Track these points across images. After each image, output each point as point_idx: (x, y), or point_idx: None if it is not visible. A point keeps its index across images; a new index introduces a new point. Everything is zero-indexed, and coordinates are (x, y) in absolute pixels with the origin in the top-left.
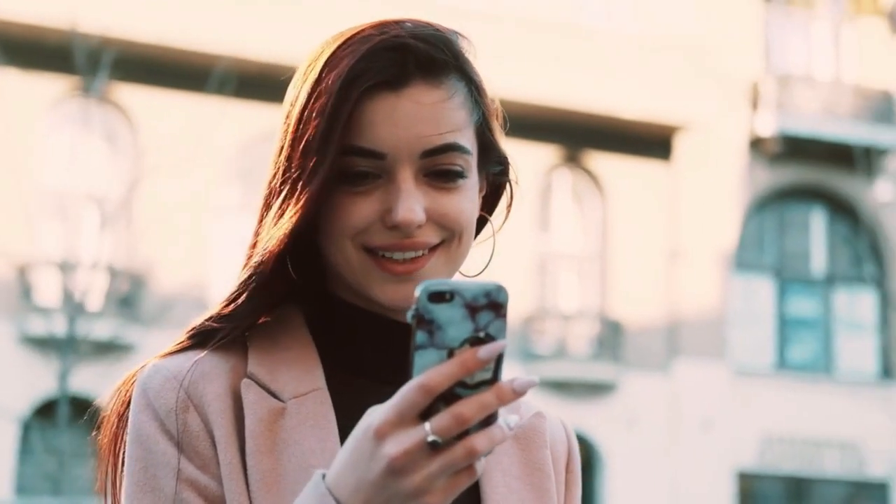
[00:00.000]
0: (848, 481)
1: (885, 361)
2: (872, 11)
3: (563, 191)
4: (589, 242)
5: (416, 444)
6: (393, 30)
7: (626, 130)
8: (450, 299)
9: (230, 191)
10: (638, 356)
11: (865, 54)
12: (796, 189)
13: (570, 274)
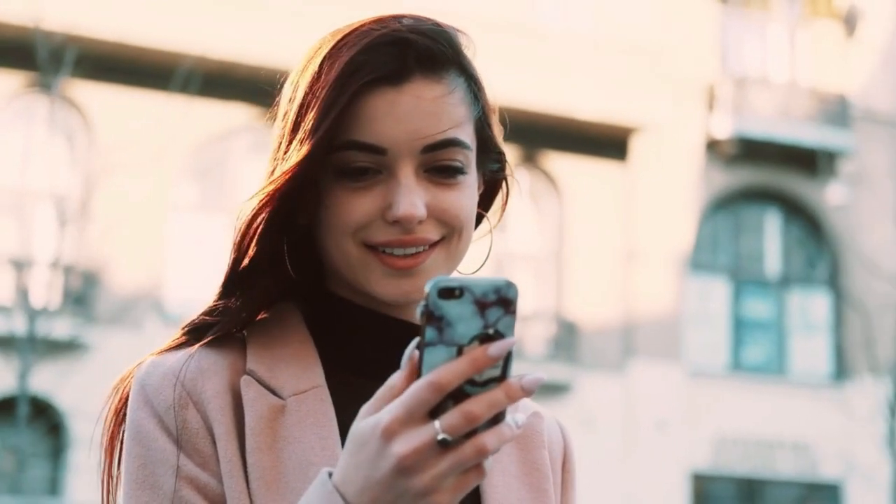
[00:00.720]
0: (801, 482)
1: (838, 363)
2: (828, 14)
3: (520, 192)
4: (545, 243)
5: (425, 443)
6: (393, 24)
7: (583, 131)
8: (459, 295)
9: (187, 190)
10: (593, 357)
11: (821, 57)
12: (751, 191)
13: (527, 274)
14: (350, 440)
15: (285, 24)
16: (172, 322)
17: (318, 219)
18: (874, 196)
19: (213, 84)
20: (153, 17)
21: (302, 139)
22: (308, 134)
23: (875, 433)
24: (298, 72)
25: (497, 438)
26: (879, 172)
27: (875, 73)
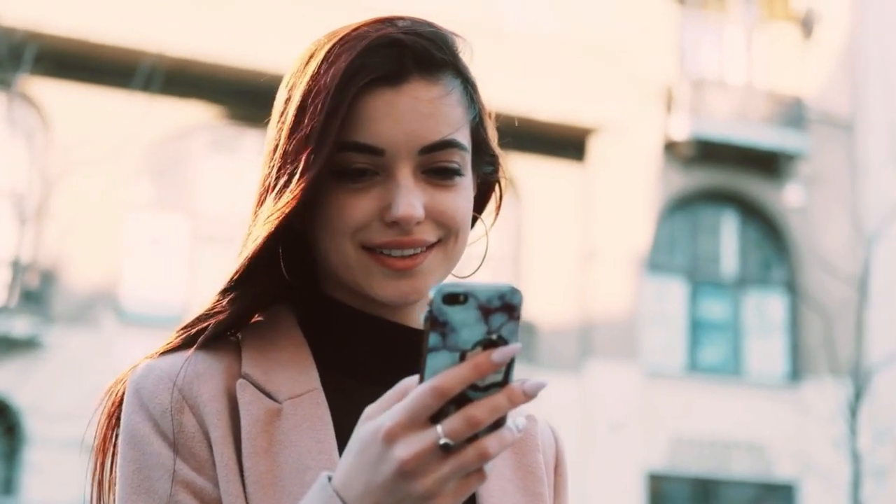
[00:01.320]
0: (755, 483)
1: (793, 364)
2: (784, 17)
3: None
4: (503, 243)
5: (427, 447)
6: (390, 27)
7: (541, 132)
8: (464, 301)
9: (145, 188)
10: (550, 357)
11: (778, 59)
12: (709, 192)
13: (484, 274)
14: (353, 442)
15: (244, 21)
16: (130, 321)
17: (315, 220)
18: (830, 198)
19: (170, 82)
20: (112, 15)
21: (306, 145)
22: (314, 141)
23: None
24: (294, 74)
25: (499, 443)
26: (835, 174)
27: (831, 76)
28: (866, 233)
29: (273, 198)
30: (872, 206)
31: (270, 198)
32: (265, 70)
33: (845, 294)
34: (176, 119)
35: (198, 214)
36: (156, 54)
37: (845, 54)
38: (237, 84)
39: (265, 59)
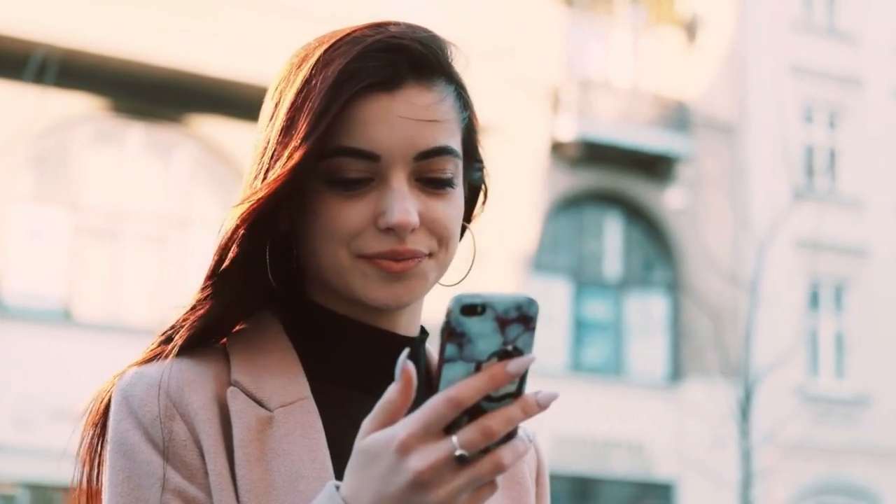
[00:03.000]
0: (634, 482)
1: (674, 364)
2: (670, 21)
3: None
4: None
5: (442, 458)
6: (386, 31)
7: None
8: (481, 312)
9: (26, 180)
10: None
11: (663, 63)
12: (594, 193)
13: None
14: (359, 454)
15: (128, 12)
16: (10, 315)
17: (305, 226)
18: (713, 200)
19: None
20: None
21: (294, 145)
22: (300, 140)
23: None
24: (284, 78)
25: (512, 453)
26: (718, 177)
27: (715, 80)
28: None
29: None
30: (755, 208)
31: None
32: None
33: (728, 295)
34: (59, 110)
35: (80, 207)
36: (45, 45)
37: (728, 59)
38: (122, 76)
39: (152, 51)
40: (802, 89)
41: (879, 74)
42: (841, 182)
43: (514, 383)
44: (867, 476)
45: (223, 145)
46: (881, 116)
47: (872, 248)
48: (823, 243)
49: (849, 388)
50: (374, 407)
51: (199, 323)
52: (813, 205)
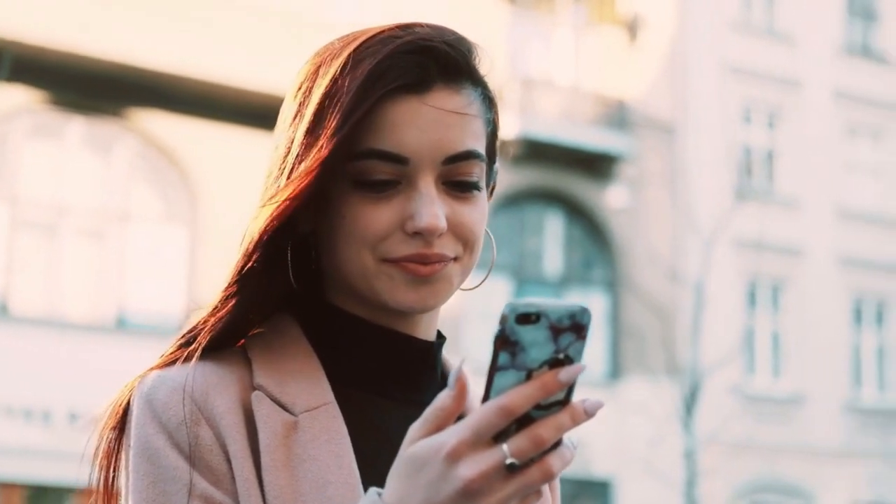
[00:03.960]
0: (573, 480)
1: (614, 362)
2: (612, 20)
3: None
4: None
5: (493, 467)
6: (414, 32)
7: None
8: (535, 321)
9: None
10: None
11: (604, 62)
12: (535, 191)
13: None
14: (406, 461)
15: (69, 4)
16: None
17: (328, 228)
18: (653, 199)
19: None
20: None
21: (321, 144)
22: (328, 138)
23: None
24: (308, 78)
25: (561, 461)
26: (658, 176)
27: (655, 80)
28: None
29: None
30: (695, 208)
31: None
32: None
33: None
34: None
35: (17, 201)
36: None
37: (669, 59)
38: (62, 69)
39: (92, 44)
40: (742, 90)
41: (818, 75)
42: (779, 182)
43: (563, 391)
44: (802, 474)
45: (164, 140)
46: (819, 117)
47: (809, 248)
48: (761, 243)
49: (785, 388)
50: (394, 411)
51: (219, 325)
52: (751, 205)
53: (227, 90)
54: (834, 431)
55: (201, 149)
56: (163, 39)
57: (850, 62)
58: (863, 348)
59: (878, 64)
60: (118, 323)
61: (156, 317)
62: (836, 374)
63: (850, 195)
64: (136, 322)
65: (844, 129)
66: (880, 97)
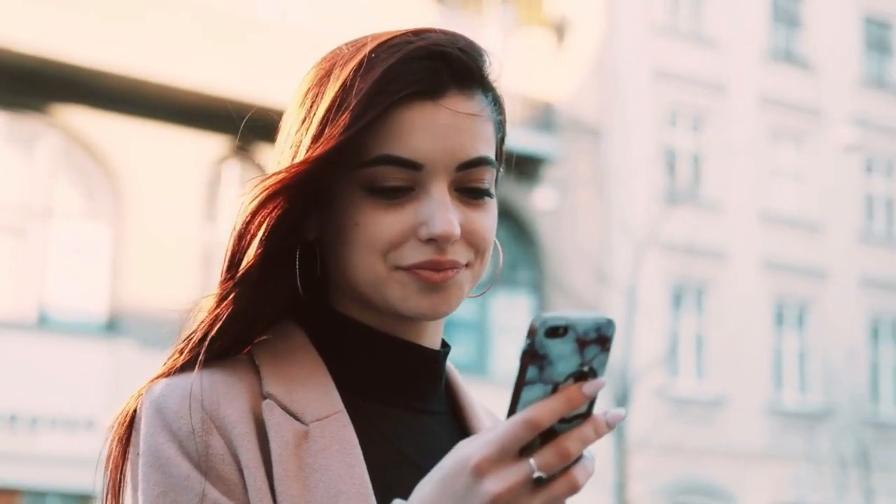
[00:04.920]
0: None
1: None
2: (539, 22)
3: (231, 182)
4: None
5: (520, 481)
6: (427, 38)
7: None
8: (563, 334)
9: None
10: None
11: (532, 64)
12: None
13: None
14: (435, 473)
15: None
16: None
17: (338, 235)
18: (580, 201)
19: None
20: None
21: (324, 140)
22: (334, 137)
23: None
24: (317, 83)
25: (585, 474)
26: (585, 179)
27: (583, 82)
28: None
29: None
30: (622, 210)
31: None
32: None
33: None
34: None
35: None
36: None
37: (596, 61)
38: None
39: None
40: (668, 93)
41: (743, 80)
42: (704, 186)
43: (585, 403)
44: (725, 476)
45: (88, 136)
46: (744, 122)
47: (732, 251)
48: (686, 246)
49: (708, 390)
50: (399, 420)
51: (225, 331)
52: (676, 208)
53: (151, 86)
54: (756, 433)
55: (126, 145)
56: (87, 35)
57: (774, 67)
58: (784, 351)
59: (801, 69)
60: (40, 321)
61: (78, 315)
62: (759, 377)
63: (773, 199)
64: (57, 320)
65: (768, 134)
66: (803, 102)
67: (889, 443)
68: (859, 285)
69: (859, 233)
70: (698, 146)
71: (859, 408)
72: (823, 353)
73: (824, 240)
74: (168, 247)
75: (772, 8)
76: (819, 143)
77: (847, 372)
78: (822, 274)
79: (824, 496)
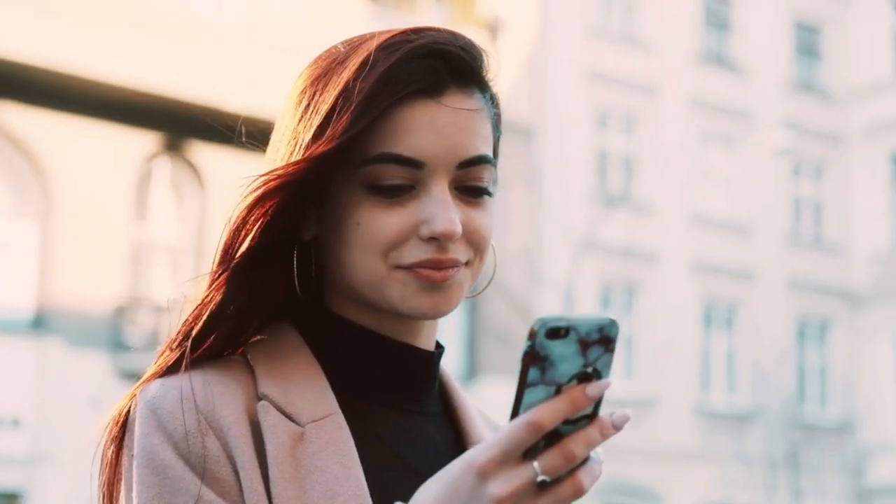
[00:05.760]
0: None
1: (470, 361)
2: (473, 22)
3: (162, 180)
4: (185, 234)
5: (524, 484)
6: (427, 36)
7: (230, 123)
8: (565, 335)
9: None
10: None
11: None
12: None
13: (165, 265)
14: (438, 476)
15: None
16: None
17: (336, 234)
18: (512, 201)
19: None
20: None
21: (325, 139)
22: (335, 136)
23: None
24: (314, 83)
25: (590, 476)
26: (517, 178)
27: (515, 82)
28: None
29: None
30: (553, 211)
31: None
32: None
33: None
34: None
35: None
36: None
37: (529, 62)
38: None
39: None
40: (600, 94)
41: (674, 83)
42: (635, 187)
43: (590, 405)
44: (653, 476)
45: (16, 132)
46: (675, 124)
47: (663, 253)
48: (616, 247)
49: (637, 391)
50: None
51: (216, 324)
52: (608, 209)
53: (81, 82)
54: (685, 434)
55: (55, 141)
56: (16, 30)
57: (705, 70)
58: (713, 352)
59: (732, 72)
60: None
61: (5, 312)
62: (688, 378)
63: (703, 201)
64: None
65: (699, 136)
66: (733, 105)
67: (816, 444)
68: (787, 287)
69: (787, 235)
70: (630, 148)
71: (788, 409)
72: (752, 354)
73: (753, 242)
74: (97, 244)
75: (704, 11)
76: (749, 146)
77: (776, 373)
78: (751, 276)
79: (753, 497)
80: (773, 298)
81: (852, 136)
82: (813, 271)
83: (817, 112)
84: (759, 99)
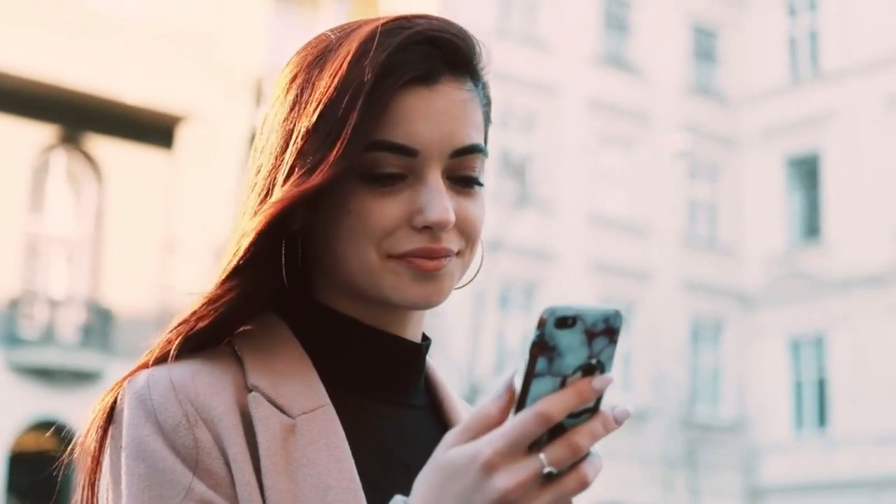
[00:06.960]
0: None
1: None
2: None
3: (58, 172)
4: (82, 227)
5: (531, 477)
6: (420, 24)
7: (129, 116)
8: (572, 325)
9: None
10: (127, 345)
11: None
12: None
13: (61, 258)
14: (438, 469)
15: None
16: None
17: (327, 223)
18: None
19: None
20: None
21: (343, 137)
22: (349, 132)
23: None
24: (304, 70)
25: (594, 470)
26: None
27: None
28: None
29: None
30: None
31: (279, 189)
32: None
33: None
34: None
35: None
36: None
37: None
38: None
39: None
40: (500, 94)
41: (573, 83)
42: (534, 187)
43: (594, 399)
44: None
45: None
46: (574, 124)
47: (560, 252)
48: (513, 246)
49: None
50: (381, 414)
51: (207, 323)
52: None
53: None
54: None
55: None
56: None
57: (604, 71)
58: None
59: (630, 74)
60: None
61: None
62: None
63: (601, 202)
64: None
65: (598, 137)
66: (632, 107)
67: (709, 443)
68: (682, 288)
69: (683, 236)
70: (529, 147)
71: (684, 409)
72: (649, 353)
73: (650, 243)
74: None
75: (603, 13)
76: (647, 147)
77: (672, 373)
78: (647, 276)
79: (650, 495)
80: (669, 299)
81: (747, 139)
82: (707, 272)
83: (713, 115)
84: (657, 101)
